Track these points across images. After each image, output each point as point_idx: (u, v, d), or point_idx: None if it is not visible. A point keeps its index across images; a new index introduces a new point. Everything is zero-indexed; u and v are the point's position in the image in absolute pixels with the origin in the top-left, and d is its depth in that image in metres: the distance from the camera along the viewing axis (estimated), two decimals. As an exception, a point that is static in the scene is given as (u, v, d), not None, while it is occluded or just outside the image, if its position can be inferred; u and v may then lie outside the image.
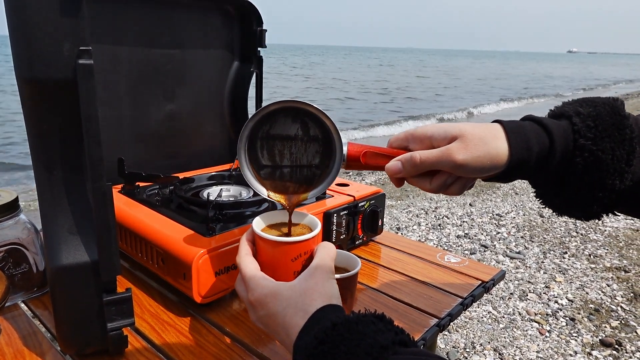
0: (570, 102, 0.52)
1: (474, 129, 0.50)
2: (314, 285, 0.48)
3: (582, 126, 0.49)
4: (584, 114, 0.49)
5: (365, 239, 0.91)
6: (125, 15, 0.89)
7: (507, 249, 2.59)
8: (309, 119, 0.59)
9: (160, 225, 0.72)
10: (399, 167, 0.53)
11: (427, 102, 11.19)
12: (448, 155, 0.50)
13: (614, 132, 0.48)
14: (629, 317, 1.94)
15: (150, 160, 1.00)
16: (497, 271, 0.82)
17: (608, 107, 0.50)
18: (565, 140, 0.49)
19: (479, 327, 1.86)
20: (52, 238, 0.51)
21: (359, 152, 0.56)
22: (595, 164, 0.48)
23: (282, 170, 0.61)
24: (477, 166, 0.49)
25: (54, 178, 0.51)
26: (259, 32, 1.06)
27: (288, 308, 0.46)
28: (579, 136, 0.48)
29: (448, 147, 0.50)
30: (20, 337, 0.61)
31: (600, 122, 0.49)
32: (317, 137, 0.59)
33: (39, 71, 0.46)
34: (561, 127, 0.50)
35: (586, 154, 0.48)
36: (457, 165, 0.49)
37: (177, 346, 0.60)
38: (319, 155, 0.60)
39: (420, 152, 0.52)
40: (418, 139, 0.54)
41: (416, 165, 0.52)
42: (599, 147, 0.48)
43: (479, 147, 0.49)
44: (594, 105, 0.50)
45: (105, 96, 0.90)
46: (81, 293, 0.52)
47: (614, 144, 0.48)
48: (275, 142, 0.60)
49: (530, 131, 0.50)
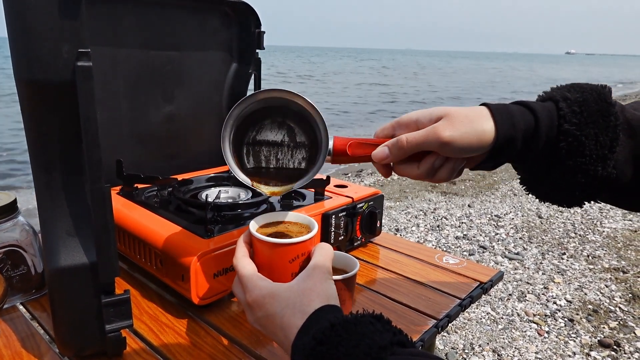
0: (559, 87, 0.53)
1: (459, 109, 0.50)
2: (312, 286, 0.48)
3: (567, 111, 0.49)
4: (570, 99, 0.50)
5: (363, 240, 0.91)
6: (124, 17, 0.89)
7: (506, 250, 2.60)
8: (296, 118, 0.59)
9: (158, 227, 0.72)
10: (386, 153, 0.53)
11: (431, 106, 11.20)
12: (434, 133, 0.49)
13: (598, 119, 0.49)
14: (628, 317, 1.94)
15: (148, 162, 1.00)
16: (496, 272, 0.83)
17: (595, 94, 0.50)
18: (550, 122, 0.49)
19: (477, 328, 1.86)
20: (51, 240, 0.51)
21: (345, 143, 0.56)
22: (579, 148, 0.48)
23: (268, 169, 0.61)
24: (465, 144, 0.49)
25: (53, 180, 0.51)
26: (257, 33, 1.07)
27: (286, 309, 0.47)
28: (564, 121, 0.49)
29: (434, 126, 0.50)
30: (19, 339, 0.61)
31: (585, 108, 0.49)
32: (304, 143, 0.59)
33: (37, 73, 0.46)
34: (546, 109, 0.50)
35: (570, 139, 0.48)
36: (443, 143, 0.49)
37: (175, 348, 0.60)
38: (305, 160, 0.60)
39: (407, 135, 0.51)
40: (404, 125, 0.54)
41: (403, 147, 0.52)
42: (582, 132, 0.48)
43: (465, 124, 0.49)
44: (581, 90, 0.50)
45: (104, 98, 0.90)
46: (79, 295, 0.52)
47: (598, 130, 0.48)
48: (261, 147, 0.60)
49: (515, 111, 0.50)
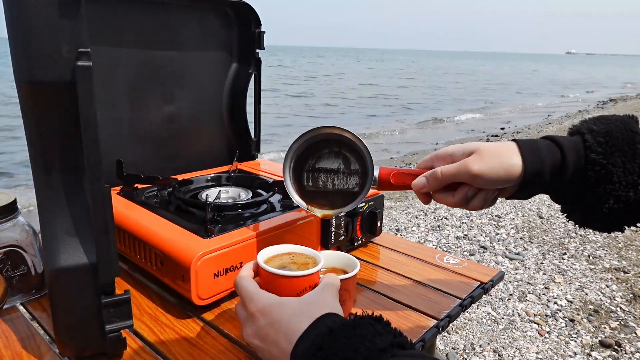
0: (585, 120, 0.56)
1: (489, 145, 0.55)
2: (322, 300, 0.49)
3: (593, 142, 0.52)
4: (596, 130, 0.53)
5: (364, 240, 0.91)
6: (124, 17, 0.89)
7: (507, 250, 2.60)
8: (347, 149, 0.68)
9: (158, 227, 0.72)
10: (424, 182, 0.59)
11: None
12: (465, 167, 0.55)
13: (624, 147, 0.52)
14: (628, 317, 1.94)
15: (149, 162, 1.00)
16: (496, 272, 0.82)
17: (620, 124, 0.53)
18: (577, 154, 0.53)
19: (478, 328, 1.86)
20: (51, 240, 0.51)
21: (389, 173, 0.64)
22: (607, 176, 0.51)
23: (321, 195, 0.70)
24: (493, 176, 0.54)
25: (53, 180, 0.51)
26: (258, 33, 1.07)
27: (294, 316, 0.47)
28: (590, 151, 0.52)
29: (465, 160, 0.55)
30: (19, 340, 0.61)
31: (610, 138, 0.52)
32: (358, 170, 0.67)
33: (37, 73, 0.46)
34: (572, 142, 0.54)
35: (597, 167, 0.52)
36: (473, 175, 0.54)
37: (175, 348, 0.60)
38: (358, 186, 0.69)
39: (442, 167, 0.57)
40: (441, 158, 0.60)
41: (438, 178, 0.57)
42: (609, 160, 0.51)
43: (493, 159, 0.54)
44: (606, 122, 0.54)
45: (104, 98, 0.90)
46: (79, 295, 0.52)
47: (625, 158, 0.51)
48: (320, 174, 0.70)
49: (543, 146, 0.54)
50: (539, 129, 7.29)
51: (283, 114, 8.80)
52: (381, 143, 6.57)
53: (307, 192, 0.70)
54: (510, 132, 7.05)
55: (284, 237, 0.75)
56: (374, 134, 7.24)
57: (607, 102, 11.66)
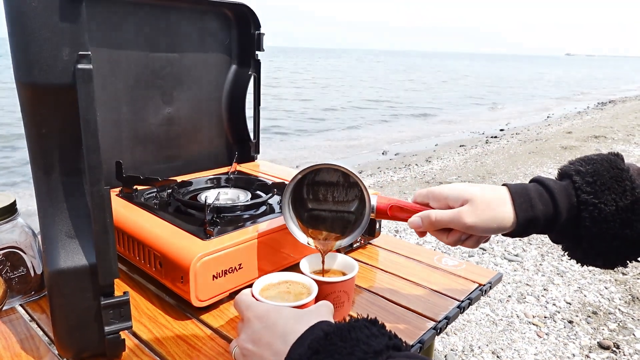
0: (572, 162, 0.58)
1: (483, 195, 0.56)
2: (317, 311, 0.50)
3: (581, 183, 0.54)
4: (583, 171, 0.55)
5: (362, 242, 0.91)
6: (123, 20, 0.89)
7: (505, 251, 2.60)
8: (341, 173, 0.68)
9: (158, 229, 0.72)
10: (419, 223, 0.60)
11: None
12: (459, 218, 0.56)
13: (613, 185, 0.53)
14: (627, 319, 1.94)
15: (148, 164, 1.00)
16: (494, 274, 0.83)
17: (606, 163, 0.55)
18: (568, 198, 0.54)
19: (477, 329, 1.86)
20: (50, 241, 0.51)
21: (387, 206, 0.64)
22: (601, 215, 0.52)
23: (322, 218, 0.70)
24: (485, 228, 0.55)
25: (52, 181, 0.51)
26: (257, 35, 1.07)
27: (291, 319, 0.47)
28: (581, 192, 0.53)
29: (459, 210, 0.56)
30: (18, 341, 0.61)
31: (599, 177, 0.53)
32: (357, 183, 0.67)
33: (38, 76, 0.46)
34: (562, 187, 0.55)
35: (590, 208, 0.53)
36: (466, 227, 0.56)
37: (174, 349, 0.60)
38: (358, 199, 0.69)
39: (436, 212, 0.58)
40: (436, 198, 0.60)
41: (432, 223, 0.59)
42: (600, 200, 0.52)
43: (486, 212, 0.55)
44: (592, 162, 0.56)
45: (104, 99, 0.90)
46: (79, 296, 0.52)
47: (615, 195, 0.52)
48: (319, 187, 0.70)
49: (534, 193, 0.55)
50: (538, 129, 7.30)
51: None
52: (380, 144, 6.58)
53: (307, 219, 0.70)
54: (510, 134, 7.06)
55: (284, 239, 0.75)
56: (372, 135, 7.25)
57: (606, 104, 11.68)
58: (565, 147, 5.52)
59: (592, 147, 5.51)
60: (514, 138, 6.56)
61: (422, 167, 4.77)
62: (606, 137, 6.16)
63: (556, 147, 5.51)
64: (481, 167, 4.63)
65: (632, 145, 5.64)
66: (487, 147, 5.94)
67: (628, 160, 0.57)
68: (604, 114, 9.05)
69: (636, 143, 5.81)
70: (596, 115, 9.02)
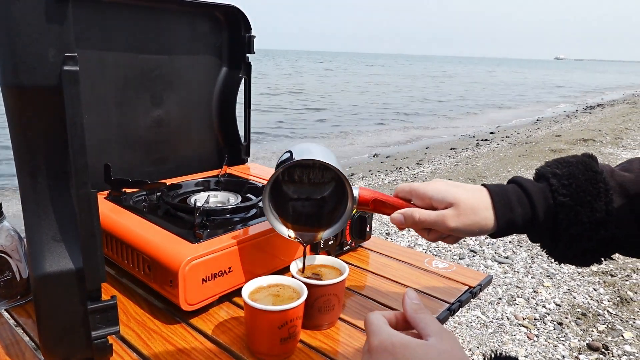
0: (549, 164, 0.59)
1: (467, 199, 0.57)
2: (450, 349, 0.41)
3: (558, 185, 0.55)
4: (559, 174, 0.56)
5: (353, 245, 0.91)
6: (113, 21, 0.88)
7: (496, 254, 2.61)
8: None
9: (146, 232, 0.71)
10: (401, 220, 0.61)
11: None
12: (442, 221, 0.57)
13: (588, 187, 0.54)
14: (616, 321, 1.96)
15: (137, 167, 1.00)
16: (484, 276, 0.83)
17: (581, 166, 0.56)
18: (545, 201, 0.56)
19: (467, 332, 1.87)
20: (36, 245, 0.50)
21: (369, 198, 0.64)
22: (577, 217, 0.54)
23: (302, 208, 0.70)
24: (467, 231, 0.57)
25: (38, 185, 0.51)
26: (248, 38, 1.07)
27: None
28: (557, 194, 0.55)
29: (443, 213, 0.58)
30: (3, 346, 0.60)
31: (574, 180, 0.55)
32: (332, 165, 0.66)
33: (23, 77, 0.46)
34: (539, 189, 0.57)
35: (566, 210, 0.54)
36: (449, 230, 0.58)
37: (163, 354, 0.60)
38: (334, 181, 0.68)
39: (420, 212, 0.59)
40: (420, 197, 0.61)
41: (415, 221, 0.60)
42: (576, 202, 0.54)
43: (469, 217, 0.57)
44: (568, 165, 0.57)
45: (92, 102, 0.90)
46: (65, 301, 0.51)
47: (590, 197, 0.54)
48: (295, 169, 0.69)
49: (513, 196, 0.57)
50: (528, 133, 7.36)
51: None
52: (371, 147, 6.59)
53: (288, 212, 0.69)
54: (500, 137, 7.11)
55: (274, 242, 0.74)
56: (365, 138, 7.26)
57: (595, 107, 11.81)
58: (554, 150, 5.57)
59: (581, 150, 5.55)
60: (504, 141, 6.60)
61: (413, 170, 4.79)
62: (595, 140, 6.23)
63: (546, 150, 5.56)
64: (472, 170, 4.66)
65: (620, 149, 5.71)
66: (477, 150, 5.98)
67: (616, 163, 0.58)
68: (592, 118, 9.15)
69: (624, 146, 5.88)
70: (585, 118, 9.12)
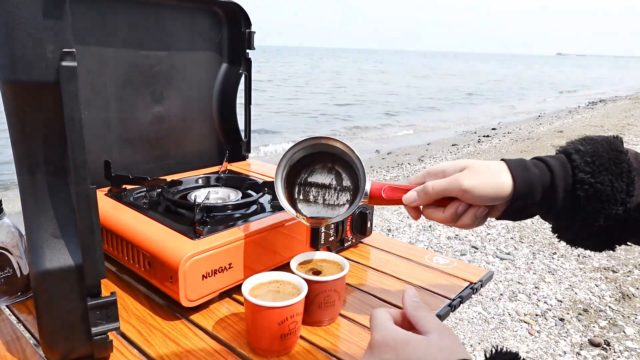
0: (572, 141, 0.57)
1: (481, 162, 0.56)
2: (451, 345, 0.43)
3: (580, 162, 0.53)
4: (582, 150, 0.54)
5: (354, 241, 0.91)
6: (112, 17, 0.88)
7: (497, 250, 2.61)
8: (340, 162, 0.68)
9: (147, 228, 0.71)
10: (414, 197, 0.60)
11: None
12: (456, 180, 0.56)
13: (611, 166, 0.53)
14: (617, 316, 1.96)
15: (137, 163, 1.00)
16: (485, 272, 0.83)
17: (606, 144, 0.54)
18: (565, 172, 0.54)
19: (469, 328, 1.87)
20: (36, 242, 0.50)
21: (380, 188, 0.63)
22: (596, 194, 0.52)
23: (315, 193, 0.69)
24: (483, 192, 0.55)
25: (37, 181, 0.51)
26: (248, 34, 1.06)
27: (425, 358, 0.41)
28: (578, 170, 0.53)
29: (457, 175, 0.56)
30: (4, 343, 0.60)
31: (597, 157, 0.53)
32: (349, 187, 0.67)
33: (21, 73, 0.46)
34: (560, 161, 0.55)
35: (586, 186, 0.53)
36: (464, 190, 0.55)
37: (163, 350, 0.60)
38: (349, 203, 0.67)
39: (433, 182, 0.58)
40: (433, 174, 0.60)
41: (428, 192, 0.58)
42: (597, 179, 0.52)
43: (484, 174, 0.55)
44: (592, 142, 0.55)
45: (92, 98, 0.89)
46: (65, 297, 0.51)
47: (612, 176, 0.52)
48: (311, 188, 0.69)
49: (531, 166, 0.55)
50: (530, 129, 7.34)
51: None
52: (373, 143, 6.58)
53: (297, 201, 0.69)
54: (502, 133, 7.09)
55: (274, 238, 0.74)
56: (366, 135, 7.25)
57: (597, 103, 11.77)
58: (556, 146, 5.51)
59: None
60: (506, 137, 6.59)
61: (415, 166, 4.78)
62: (597, 136, 6.21)
63: (547, 146, 5.54)
64: (473, 166, 4.64)
65: (623, 144, 5.69)
66: (479, 146, 5.97)
67: None
68: (594, 113, 9.12)
69: (627, 142, 5.84)
70: (587, 114, 9.08)
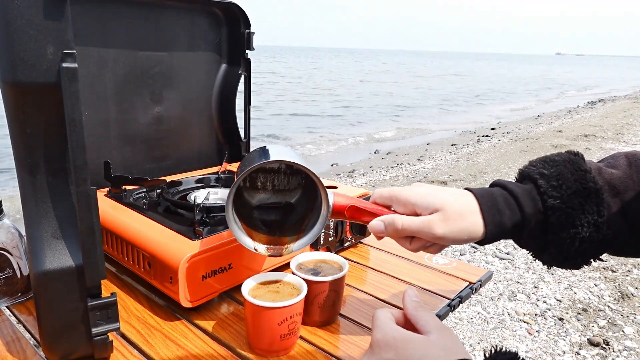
0: (533, 164, 0.56)
1: (454, 203, 0.53)
2: (451, 345, 0.44)
3: (547, 187, 0.52)
4: (547, 174, 0.53)
5: (353, 241, 0.91)
6: (112, 18, 0.88)
7: (497, 249, 2.61)
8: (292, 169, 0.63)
9: (146, 229, 0.71)
10: (382, 228, 0.56)
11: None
12: (429, 228, 0.52)
13: (578, 188, 0.51)
14: (616, 316, 1.96)
15: (137, 163, 1.00)
16: (485, 272, 0.83)
17: (569, 165, 0.53)
18: (533, 203, 0.52)
19: (468, 327, 1.87)
20: (36, 242, 0.51)
21: (344, 206, 0.59)
22: (569, 220, 0.51)
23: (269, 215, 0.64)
24: (455, 239, 0.52)
25: (38, 182, 0.51)
26: (247, 34, 1.06)
27: (426, 357, 0.43)
28: (547, 197, 0.52)
29: (429, 219, 0.53)
30: (4, 343, 0.60)
31: (563, 181, 0.52)
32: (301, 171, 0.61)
33: (22, 74, 0.46)
34: (526, 191, 0.53)
35: (557, 213, 0.52)
36: (436, 237, 0.53)
37: (163, 350, 0.60)
38: (301, 187, 0.64)
39: (403, 219, 0.54)
40: (402, 203, 0.56)
41: (397, 230, 0.54)
42: (567, 204, 0.51)
43: (457, 223, 0.52)
44: (554, 164, 0.54)
45: (92, 99, 0.89)
46: (65, 298, 0.51)
47: (581, 198, 0.51)
48: (258, 174, 0.64)
49: (499, 198, 0.53)
50: (529, 128, 7.35)
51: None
52: (371, 143, 6.58)
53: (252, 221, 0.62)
54: (501, 132, 7.10)
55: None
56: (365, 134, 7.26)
57: (596, 102, 11.78)
58: (555, 145, 5.56)
59: (582, 146, 5.55)
60: (505, 137, 6.60)
61: (414, 166, 4.79)
62: (596, 135, 6.22)
63: (547, 146, 5.55)
64: (473, 166, 4.65)
65: (622, 144, 5.70)
66: (478, 145, 5.97)
67: None
68: (594, 113, 9.13)
69: (625, 142, 5.86)
70: (586, 114, 9.09)
